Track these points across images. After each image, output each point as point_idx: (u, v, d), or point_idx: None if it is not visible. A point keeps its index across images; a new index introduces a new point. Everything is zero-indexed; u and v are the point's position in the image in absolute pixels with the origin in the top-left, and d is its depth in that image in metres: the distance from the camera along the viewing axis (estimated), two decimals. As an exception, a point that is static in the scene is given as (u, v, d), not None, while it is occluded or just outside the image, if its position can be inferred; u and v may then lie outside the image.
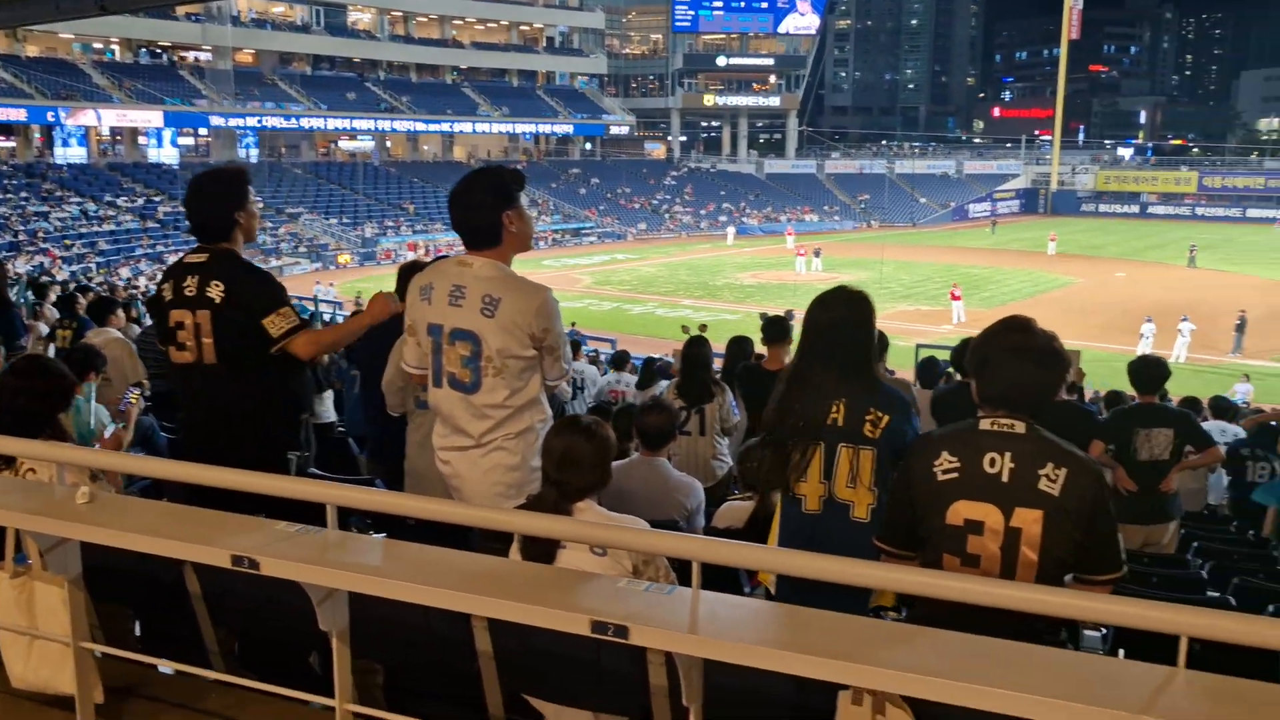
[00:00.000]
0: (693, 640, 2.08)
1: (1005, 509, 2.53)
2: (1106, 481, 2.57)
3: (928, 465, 2.64)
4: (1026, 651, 2.12)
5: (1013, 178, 78.32)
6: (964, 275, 39.86)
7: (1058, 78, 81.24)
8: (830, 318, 3.26)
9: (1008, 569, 2.53)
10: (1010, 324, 2.69)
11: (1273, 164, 78.12)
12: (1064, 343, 2.71)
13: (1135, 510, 6.01)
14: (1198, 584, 4.59)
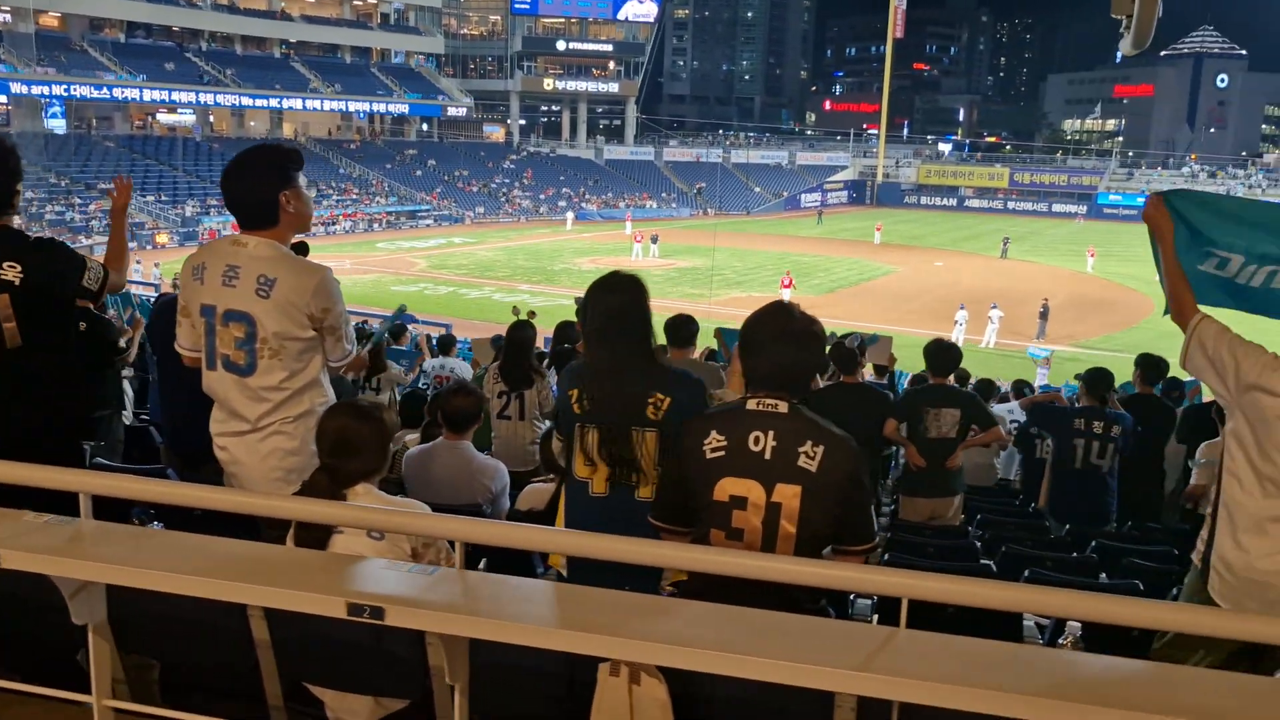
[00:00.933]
0: (449, 618, 2.10)
1: (767, 485, 2.66)
2: (862, 458, 2.72)
3: (698, 444, 2.74)
4: (777, 619, 2.24)
5: (841, 169, 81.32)
6: (795, 263, 41.10)
7: (884, 74, 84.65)
8: (612, 303, 3.30)
9: (768, 541, 2.65)
10: (773, 309, 2.82)
11: (1075, 163, 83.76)
12: (883, 328, 2.85)
13: (924, 485, 6.39)
14: (971, 552, 4.91)
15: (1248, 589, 2.87)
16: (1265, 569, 2.85)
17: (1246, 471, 2.92)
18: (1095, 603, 2.05)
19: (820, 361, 2.81)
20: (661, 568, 3.04)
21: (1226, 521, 2.95)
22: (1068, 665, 2.06)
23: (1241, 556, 2.88)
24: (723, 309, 31.44)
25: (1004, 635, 3.24)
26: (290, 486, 3.17)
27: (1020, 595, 2.04)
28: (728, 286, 36.88)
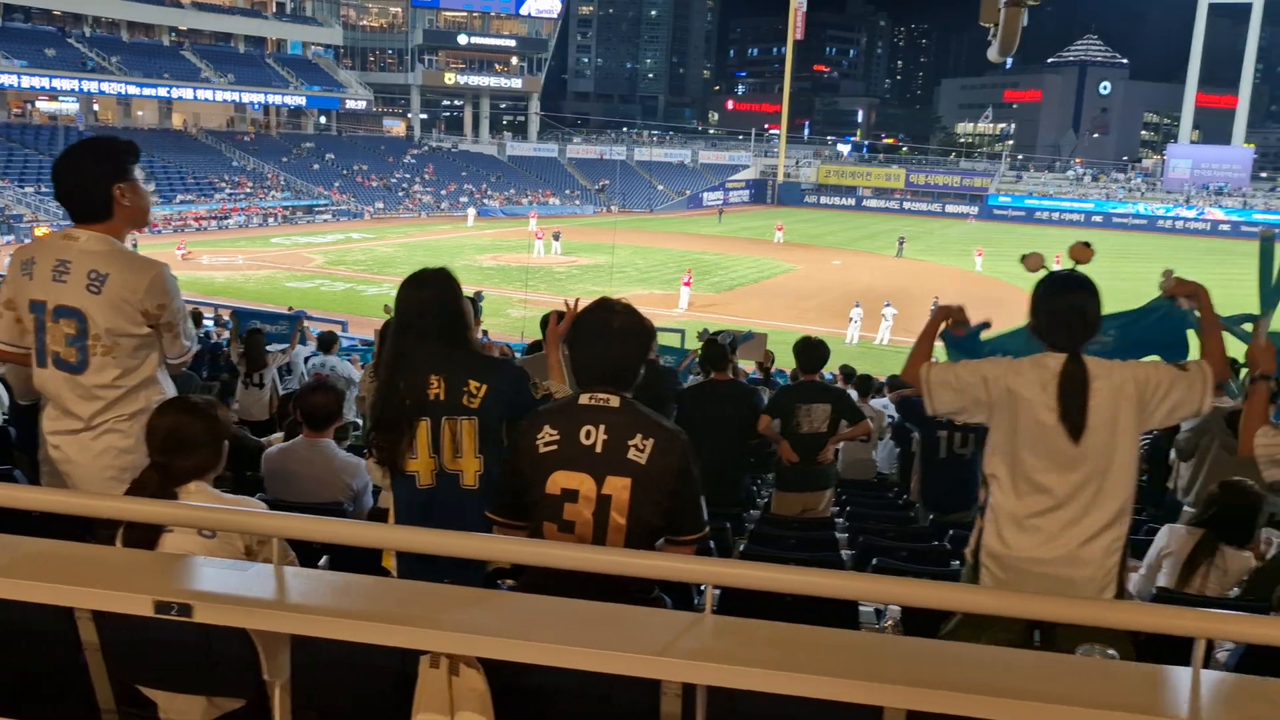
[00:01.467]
0: (258, 614, 2.10)
1: (598, 478, 2.71)
2: (692, 451, 2.79)
3: (532, 439, 2.78)
4: (596, 609, 2.29)
5: (743, 169, 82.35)
6: (696, 261, 41.47)
7: (784, 75, 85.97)
8: (424, 295, 3.31)
9: (599, 534, 2.70)
10: (597, 306, 2.87)
11: (967, 165, 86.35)
12: (781, 326, 2.93)
13: (796, 479, 6.54)
14: (831, 543, 5.06)
15: (1013, 580, 3.04)
16: (1025, 558, 3.03)
17: (1004, 473, 3.09)
18: (875, 585, 2.15)
19: (642, 356, 2.87)
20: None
21: (992, 520, 3.12)
22: (863, 643, 2.16)
23: (1006, 551, 3.06)
24: (623, 306, 31.62)
25: (841, 622, 3.36)
26: (124, 486, 3.10)
27: (815, 580, 2.13)
28: (629, 284, 37.04)
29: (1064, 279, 3.14)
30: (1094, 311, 3.09)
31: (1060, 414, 2.98)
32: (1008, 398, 3.06)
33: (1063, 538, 3.01)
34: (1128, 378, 3.01)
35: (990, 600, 2.28)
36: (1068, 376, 2.99)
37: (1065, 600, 2.26)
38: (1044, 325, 3.12)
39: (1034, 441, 3.02)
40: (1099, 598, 2.92)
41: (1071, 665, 2.19)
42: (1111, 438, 2.99)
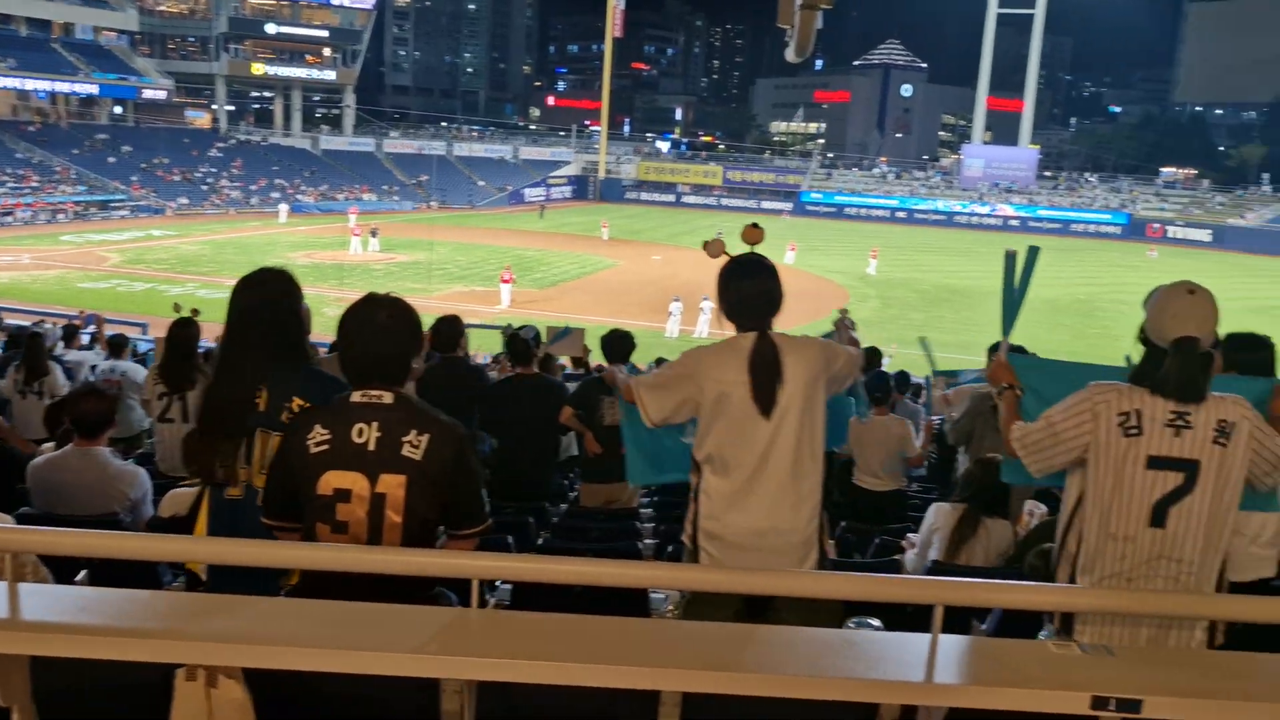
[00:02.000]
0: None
1: (371, 476, 2.66)
2: (470, 443, 2.78)
3: (302, 439, 2.70)
4: (363, 610, 2.25)
5: (565, 165, 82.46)
6: (517, 258, 41.27)
7: (604, 72, 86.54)
8: (255, 300, 3.17)
9: (374, 533, 2.66)
10: (363, 302, 2.83)
11: (781, 163, 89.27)
12: (602, 320, 2.90)
13: (602, 471, 6.59)
14: (633, 533, 5.14)
15: (729, 557, 3.18)
16: (737, 533, 3.18)
17: (712, 455, 3.22)
18: (625, 569, 2.21)
19: (414, 350, 2.84)
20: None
21: (706, 501, 3.25)
22: (639, 630, 2.20)
23: (720, 530, 3.20)
24: (444, 304, 31.13)
25: (632, 611, 3.42)
26: None
27: (557, 567, 2.16)
28: (450, 281, 36.51)
29: (747, 263, 3.29)
30: (777, 291, 3.25)
31: (753, 392, 3.11)
32: (716, 391, 3.18)
33: (769, 510, 3.15)
34: (815, 352, 3.20)
35: (721, 578, 2.37)
36: (758, 355, 3.13)
37: (810, 575, 2.37)
38: (733, 307, 3.26)
39: (736, 421, 3.14)
40: (803, 566, 3.09)
41: (826, 639, 2.30)
42: (804, 412, 3.15)
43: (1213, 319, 2.84)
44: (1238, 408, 2.83)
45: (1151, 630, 2.78)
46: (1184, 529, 2.80)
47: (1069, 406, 2.93)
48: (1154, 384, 2.81)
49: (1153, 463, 2.80)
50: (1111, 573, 2.85)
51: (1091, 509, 2.89)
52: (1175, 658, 2.25)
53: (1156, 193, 79.40)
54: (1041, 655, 2.06)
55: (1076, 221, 71.88)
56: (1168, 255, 59.79)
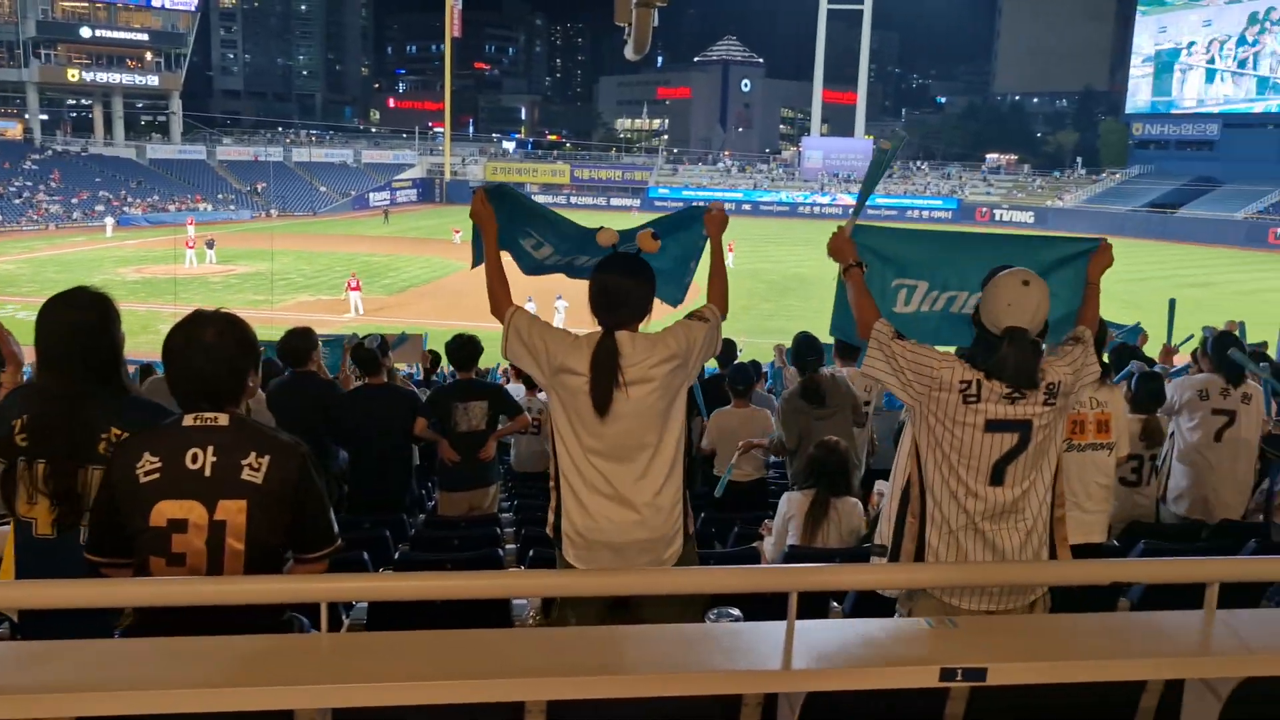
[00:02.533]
0: None
1: (209, 503, 2.53)
2: (314, 462, 2.68)
3: (130, 468, 2.55)
4: (202, 645, 2.13)
5: (409, 167, 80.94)
6: (365, 264, 40.30)
7: (445, 73, 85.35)
8: (71, 322, 2.95)
9: (214, 563, 2.53)
10: (188, 320, 2.68)
11: (628, 159, 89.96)
12: (457, 323, 2.77)
13: (460, 478, 6.51)
14: (493, 539, 5.09)
15: (596, 550, 3.17)
16: (607, 527, 3.16)
17: (568, 443, 3.21)
18: (469, 580, 2.18)
19: (249, 367, 2.71)
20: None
21: (570, 493, 3.22)
22: (496, 641, 2.17)
23: (589, 521, 3.17)
24: (289, 315, 30.13)
25: (494, 620, 3.38)
26: None
27: (405, 584, 2.11)
28: (294, 291, 35.39)
29: (618, 260, 3.26)
30: (636, 294, 3.21)
31: (591, 390, 3.11)
32: (556, 371, 3.17)
33: (626, 503, 3.14)
34: (670, 346, 3.18)
35: (574, 582, 2.36)
36: (600, 352, 3.12)
37: (657, 571, 2.39)
38: (591, 298, 3.25)
39: (579, 414, 3.14)
40: (665, 554, 3.11)
41: (686, 634, 2.32)
42: (651, 408, 3.15)
43: (1043, 309, 3.01)
44: (1059, 368, 3.03)
45: (993, 594, 2.94)
46: (1019, 483, 2.98)
47: (921, 354, 3.06)
48: (989, 370, 2.96)
49: (990, 425, 2.96)
50: (958, 526, 2.99)
51: (933, 469, 3.02)
52: (1015, 625, 2.37)
53: (983, 178, 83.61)
54: (890, 633, 2.13)
55: (911, 208, 74.97)
56: (996, 237, 62.98)
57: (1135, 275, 46.26)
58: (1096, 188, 77.38)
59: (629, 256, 3.29)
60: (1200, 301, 37.78)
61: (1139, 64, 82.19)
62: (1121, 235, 63.88)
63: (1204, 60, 77.71)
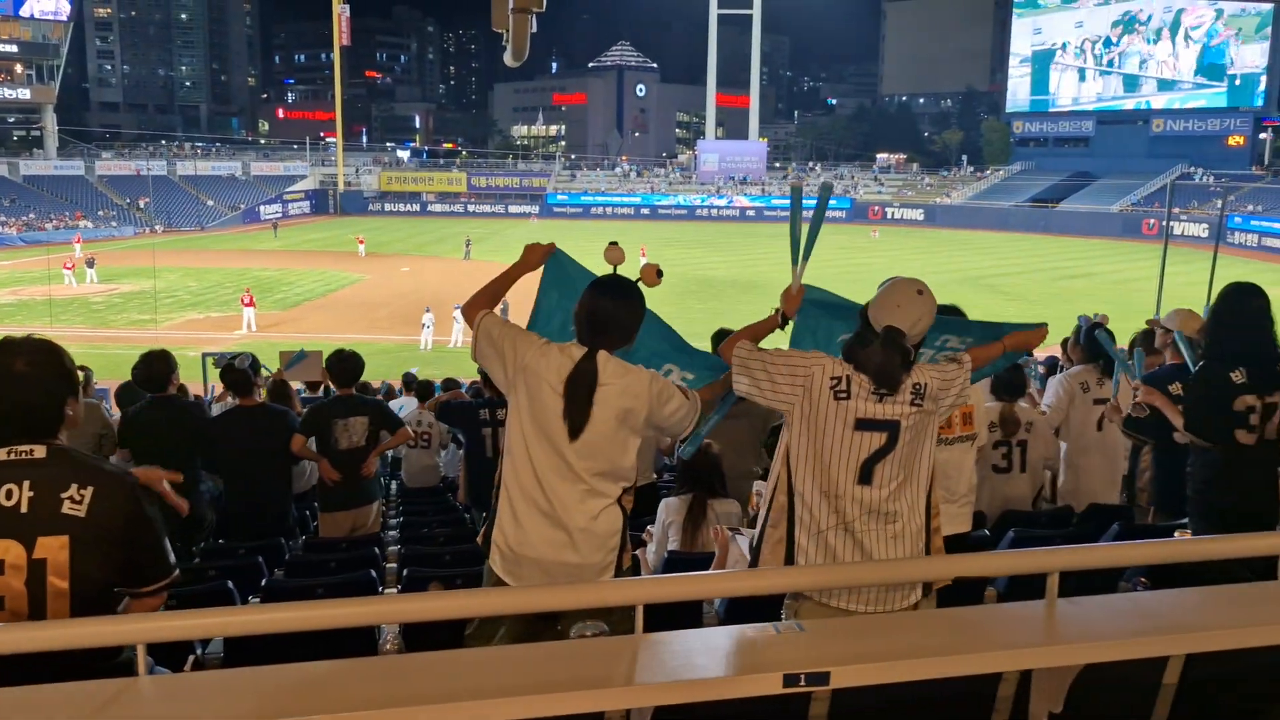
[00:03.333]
0: None
1: (27, 541, 2.38)
2: (143, 492, 2.55)
3: None
4: (18, 694, 2.00)
5: (301, 179, 79.11)
6: (256, 279, 39.22)
7: (335, 81, 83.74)
8: None
9: (36, 605, 2.38)
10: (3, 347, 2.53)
11: (525, 166, 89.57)
12: (355, 336, 2.61)
13: (341, 498, 6.33)
14: (373, 560, 4.95)
15: (525, 565, 3.11)
16: (531, 544, 3.09)
17: (518, 459, 3.16)
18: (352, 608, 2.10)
19: (65, 395, 2.54)
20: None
21: (507, 503, 3.15)
22: (349, 673, 2.08)
23: (521, 535, 3.11)
24: (177, 334, 29.14)
25: (361, 650, 3.26)
26: None
27: (227, 620, 2.02)
28: (182, 309, 34.30)
29: (612, 283, 3.21)
30: (624, 319, 3.19)
31: (564, 409, 3.04)
32: (522, 374, 3.09)
33: (568, 520, 3.08)
34: (643, 388, 3.10)
35: (425, 606, 2.29)
36: (579, 371, 3.06)
37: (503, 593, 2.33)
38: (578, 315, 3.18)
39: (540, 427, 3.07)
40: (602, 577, 3.05)
41: (545, 653, 2.26)
42: (616, 431, 3.08)
43: (925, 322, 3.04)
44: (926, 371, 3.08)
45: (876, 594, 2.96)
46: (887, 484, 3.01)
47: (791, 357, 3.10)
48: (857, 364, 2.99)
49: (860, 424, 2.98)
50: (828, 526, 3.01)
51: (805, 467, 3.03)
52: (864, 626, 2.38)
53: (874, 178, 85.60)
54: (737, 642, 2.11)
55: (807, 208, 75.75)
56: (889, 235, 64.59)
57: (1020, 269, 47.94)
58: (982, 185, 79.87)
59: (623, 279, 3.22)
60: (1081, 291, 39.28)
61: (1017, 64, 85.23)
62: (1006, 230, 66.22)
63: (1077, 60, 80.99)
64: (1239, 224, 57.91)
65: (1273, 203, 60.90)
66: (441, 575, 4.32)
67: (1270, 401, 4.30)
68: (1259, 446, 4.29)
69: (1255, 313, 4.37)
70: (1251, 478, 4.24)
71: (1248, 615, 2.44)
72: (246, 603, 4.01)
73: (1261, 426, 4.29)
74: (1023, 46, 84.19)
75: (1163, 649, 2.31)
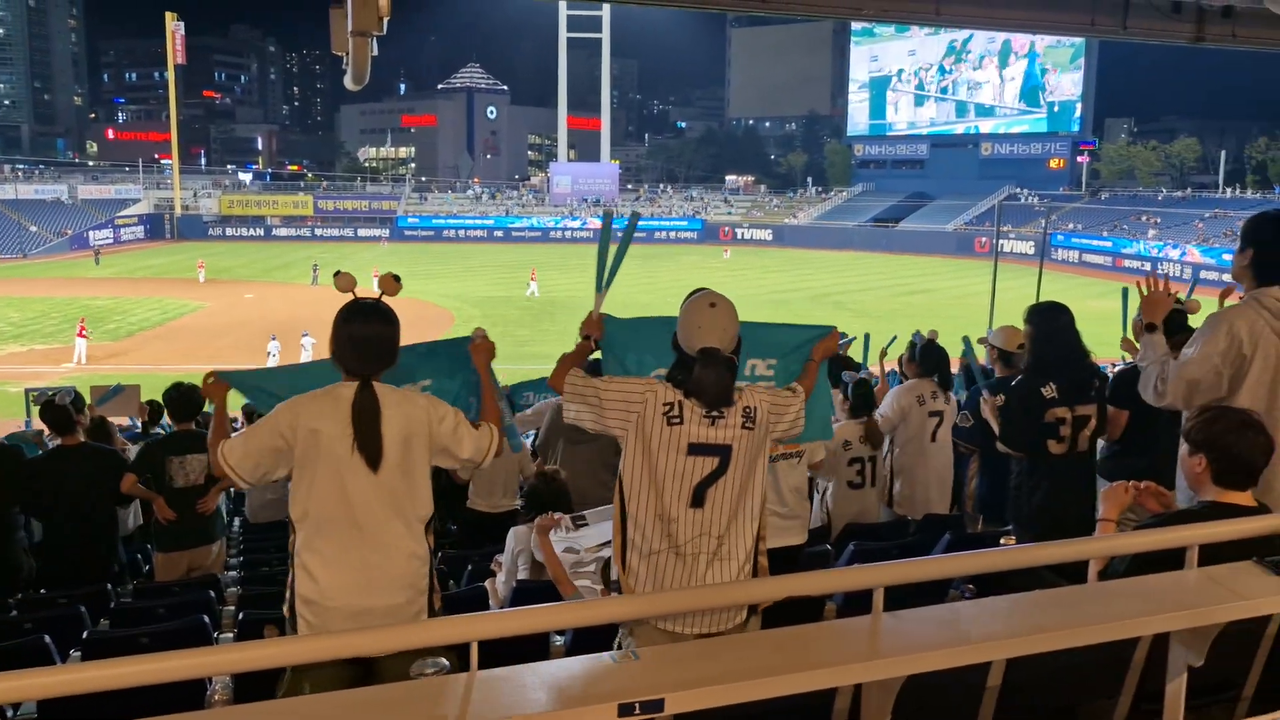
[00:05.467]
0: None
1: None
2: None
3: None
4: None
5: (134, 203, 75.34)
6: (88, 308, 37.17)
7: (170, 101, 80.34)
8: None
9: None
10: None
11: (374, 189, 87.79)
12: (197, 366, 2.44)
13: (179, 537, 6.05)
14: (207, 604, 4.75)
15: (331, 617, 3.01)
16: (337, 594, 3.02)
17: (312, 513, 3.06)
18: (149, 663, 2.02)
19: None
20: None
21: (302, 566, 3.07)
22: None
23: (318, 593, 3.03)
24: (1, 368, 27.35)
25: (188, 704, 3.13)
26: None
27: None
28: (4, 341, 32.15)
29: (364, 307, 3.14)
30: (391, 339, 3.14)
31: (357, 443, 3.00)
32: (311, 438, 3.01)
33: (371, 571, 3.03)
34: (420, 410, 3.11)
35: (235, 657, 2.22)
36: (360, 404, 3.02)
37: (331, 638, 2.29)
38: (342, 351, 3.12)
39: (336, 475, 3.00)
40: (413, 617, 3.01)
41: (385, 694, 2.22)
42: (405, 461, 3.07)
43: (732, 329, 3.11)
44: (756, 394, 3.17)
45: (704, 615, 3.00)
46: (719, 507, 3.07)
47: (629, 383, 3.13)
48: (687, 391, 3.04)
49: (693, 449, 3.04)
50: (659, 549, 3.06)
51: (640, 492, 3.06)
52: (699, 650, 2.42)
53: (724, 199, 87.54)
54: (572, 673, 2.12)
55: (659, 229, 77.37)
56: (740, 254, 66.11)
57: (864, 286, 49.84)
58: (826, 205, 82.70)
59: (376, 303, 3.16)
60: (921, 306, 41.09)
61: (856, 90, 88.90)
62: (850, 248, 68.75)
63: (912, 86, 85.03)
64: (1061, 241, 61.74)
65: (1091, 221, 65.24)
66: (278, 618, 4.17)
67: (1081, 413, 4.59)
68: (1071, 456, 4.58)
69: (1063, 329, 4.68)
70: (1065, 486, 4.52)
71: (1062, 618, 2.58)
72: (66, 657, 3.79)
73: (1073, 437, 4.58)
74: (861, 73, 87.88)
75: (981, 656, 2.43)
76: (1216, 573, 2.78)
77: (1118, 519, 3.36)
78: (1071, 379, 4.59)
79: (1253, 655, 3.04)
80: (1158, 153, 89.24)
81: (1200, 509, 3.11)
